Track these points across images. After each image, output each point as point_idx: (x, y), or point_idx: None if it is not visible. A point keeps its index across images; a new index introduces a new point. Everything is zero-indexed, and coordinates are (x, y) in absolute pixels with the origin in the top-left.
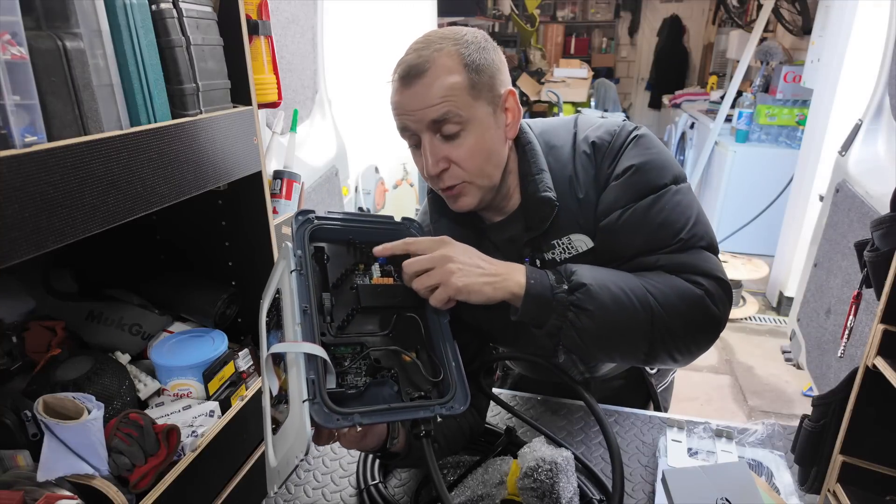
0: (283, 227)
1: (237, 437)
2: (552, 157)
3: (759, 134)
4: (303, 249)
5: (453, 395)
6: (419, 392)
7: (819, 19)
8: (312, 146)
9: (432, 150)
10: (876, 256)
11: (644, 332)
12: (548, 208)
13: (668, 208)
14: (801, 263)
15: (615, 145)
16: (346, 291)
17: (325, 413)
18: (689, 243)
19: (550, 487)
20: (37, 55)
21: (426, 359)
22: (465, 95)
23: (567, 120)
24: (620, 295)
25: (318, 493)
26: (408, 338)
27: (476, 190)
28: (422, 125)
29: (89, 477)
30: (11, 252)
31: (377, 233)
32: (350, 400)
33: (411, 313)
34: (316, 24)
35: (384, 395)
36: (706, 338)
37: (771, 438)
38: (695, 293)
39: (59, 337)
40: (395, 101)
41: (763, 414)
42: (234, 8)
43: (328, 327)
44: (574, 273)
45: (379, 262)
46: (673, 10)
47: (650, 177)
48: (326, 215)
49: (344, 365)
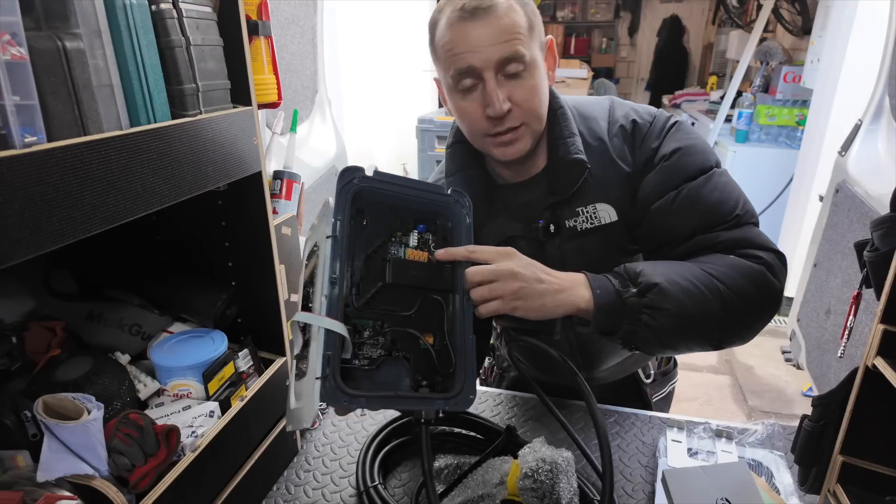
0: (282, 227)
1: (237, 438)
2: (585, 127)
3: (759, 134)
4: (342, 214)
5: (459, 391)
6: (427, 381)
7: (819, 19)
8: (312, 146)
9: (499, 89)
10: (876, 256)
11: (717, 319)
12: (577, 170)
13: (719, 188)
14: (801, 263)
15: (657, 126)
16: (378, 262)
17: (334, 393)
18: (743, 219)
19: (551, 488)
20: (36, 55)
21: (441, 346)
22: (527, 35)
23: (600, 98)
24: (691, 287)
25: (318, 494)
26: (429, 321)
27: (529, 135)
28: (489, 63)
29: (89, 477)
30: (11, 252)
31: (422, 202)
32: (361, 377)
33: (437, 296)
34: (316, 25)
35: (394, 376)
36: (770, 311)
37: (771, 438)
38: (756, 269)
39: (59, 337)
40: (457, 39)
41: (763, 414)
42: (234, 8)
43: (353, 299)
44: (640, 273)
45: (418, 229)
46: (673, 11)
47: (697, 159)
48: (373, 177)
49: (363, 336)
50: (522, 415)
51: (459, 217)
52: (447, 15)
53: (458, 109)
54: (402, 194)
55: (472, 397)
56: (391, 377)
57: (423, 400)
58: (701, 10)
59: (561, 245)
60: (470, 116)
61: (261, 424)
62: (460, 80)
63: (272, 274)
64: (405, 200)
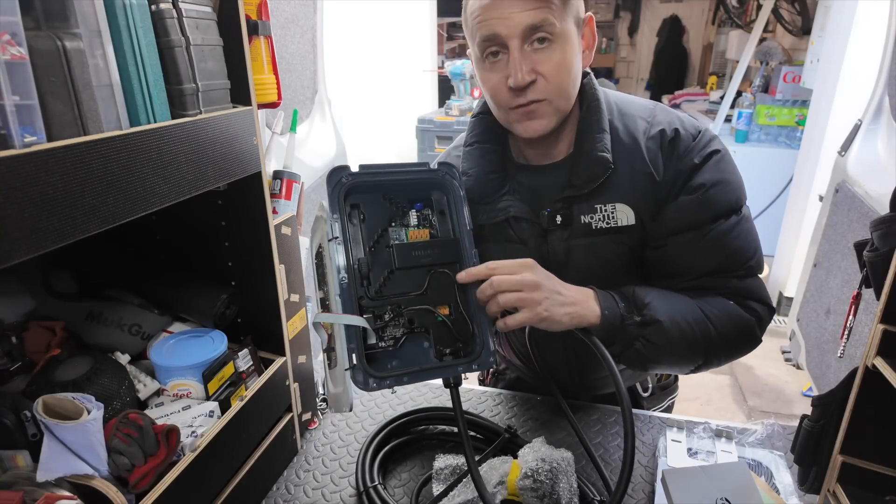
0: (282, 227)
1: (237, 438)
2: (621, 123)
3: (759, 134)
4: (339, 213)
5: (479, 353)
6: (449, 349)
7: (818, 19)
8: (312, 146)
9: (523, 59)
10: (875, 256)
11: (698, 356)
12: (599, 168)
13: (742, 235)
14: (801, 263)
15: (700, 145)
16: (383, 249)
17: (363, 380)
18: (753, 270)
19: (550, 488)
20: (36, 55)
21: (457, 314)
22: (561, 5)
23: (646, 100)
24: (687, 329)
25: (318, 494)
26: (441, 294)
27: (552, 112)
28: (515, 31)
29: (89, 477)
30: (11, 252)
31: (413, 183)
32: (387, 358)
33: (445, 269)
34: (316, 24)
35: (419, 350)
36: (744, 354)
37: (770, 438)
38: (748, 321)
39: (59, 337)
40: (484, 6)
41: (763, 414)
42: (233, 8)
43: (366, 290)
44: (647, 306)
45: (416, 207)
46: (673, 11)
47: (731, 197)
48: (359, 171)
49: (384, 320)
50: (522, 415)
51: (452, 189)
52: None
53: (483, 80)
54: (392, 181)
55: (491, 359)
56: (416, 351)
57: (446, 368)
58: (701, 10)
59: (569, 239)
60: (493, 87)
61: (261, 424)
62: (486, 47)
63: (272, 274)
64: (396, 185)
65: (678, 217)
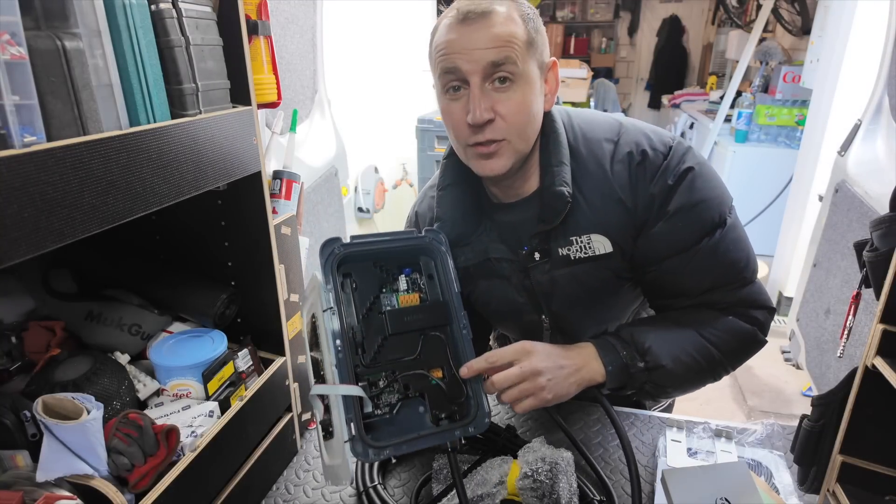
0: (282, 226)
1: (237, 438)
2: (586, 149)
3: (759, 134)
4: (333, 284)
5: (474, 417)
6: (445, 413)
7: (818, 19)
8: (312, 146)
9: (483, 97)
10: (875, 256)
11: (707, 380)
12: (560, 203)
13: (731, 247)
14: (801, 263)
15: (670, 166)
16: (376, 316)
17: (363, 451)
18: (748, 279)
19: (550, 488)
20: (36, 55)
21: (450, 376)
22: (524, 48)
23: (610, 116)
24: (691, 363)
25: (318, 494)
26: (434, 357)
27: (511, 153)
28: (476, 66)
29: (88, 477)
30: (11, 252)
31: (401, 250)
32: (385, 426)
33: (437, 332)
34: (315, 24)
35: (414, 414)
36: (749, 359)
37: (770, 438)
38: (749, 331)
39: (59, 337)
40: (449, 40)
41: (762, 414)
42: (233, 8)
43: (361, 359)
44: (648, 351)
45: (405, 273)
46: (672, 11)
47: (713, 213)
48: (351, 242)
49: (379, 386)
50: (522, 415)
51: (439, 254)
52: (446, 19)
53: (444, 113)
54: (381, 249)
55: (487, 420)
56: (412, 416)
57: (443, 433)
58: (700, 10)
59: (551, 271)
60: (454, 122)
61: (260, 424)
62: (447, 81)
63: (272, 274)
64: (385, 253)
65: (662, 243)
